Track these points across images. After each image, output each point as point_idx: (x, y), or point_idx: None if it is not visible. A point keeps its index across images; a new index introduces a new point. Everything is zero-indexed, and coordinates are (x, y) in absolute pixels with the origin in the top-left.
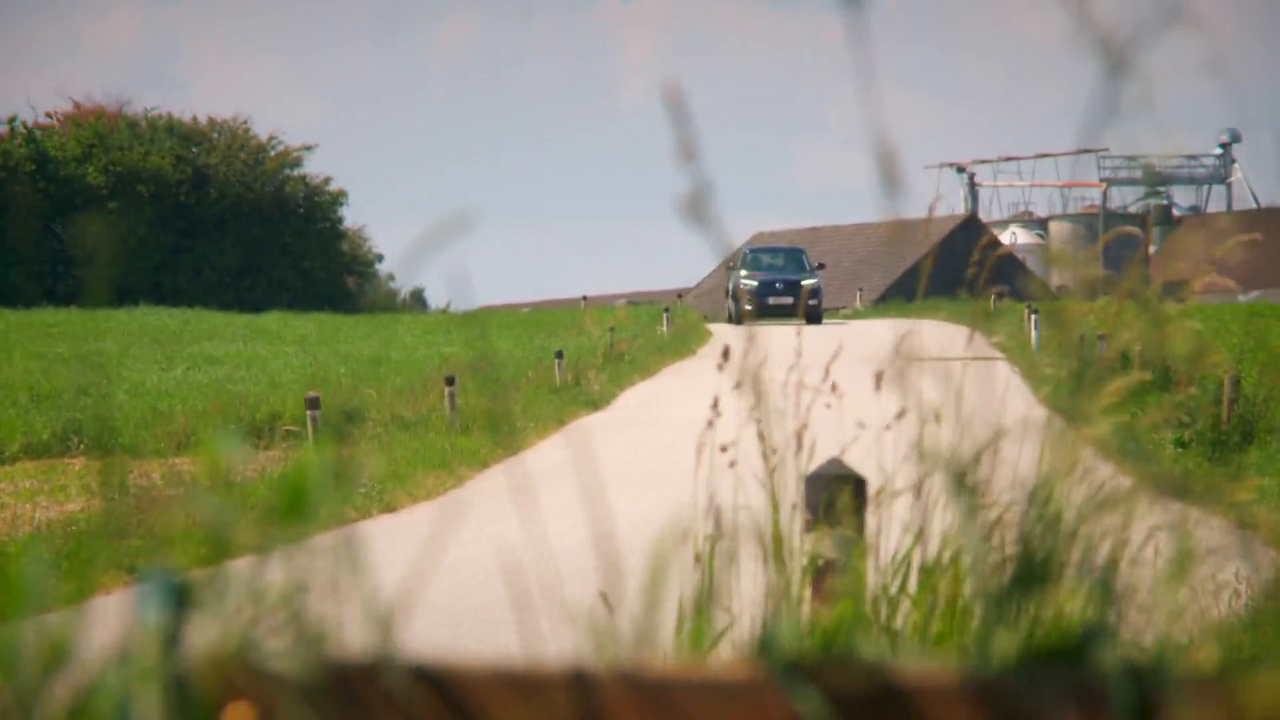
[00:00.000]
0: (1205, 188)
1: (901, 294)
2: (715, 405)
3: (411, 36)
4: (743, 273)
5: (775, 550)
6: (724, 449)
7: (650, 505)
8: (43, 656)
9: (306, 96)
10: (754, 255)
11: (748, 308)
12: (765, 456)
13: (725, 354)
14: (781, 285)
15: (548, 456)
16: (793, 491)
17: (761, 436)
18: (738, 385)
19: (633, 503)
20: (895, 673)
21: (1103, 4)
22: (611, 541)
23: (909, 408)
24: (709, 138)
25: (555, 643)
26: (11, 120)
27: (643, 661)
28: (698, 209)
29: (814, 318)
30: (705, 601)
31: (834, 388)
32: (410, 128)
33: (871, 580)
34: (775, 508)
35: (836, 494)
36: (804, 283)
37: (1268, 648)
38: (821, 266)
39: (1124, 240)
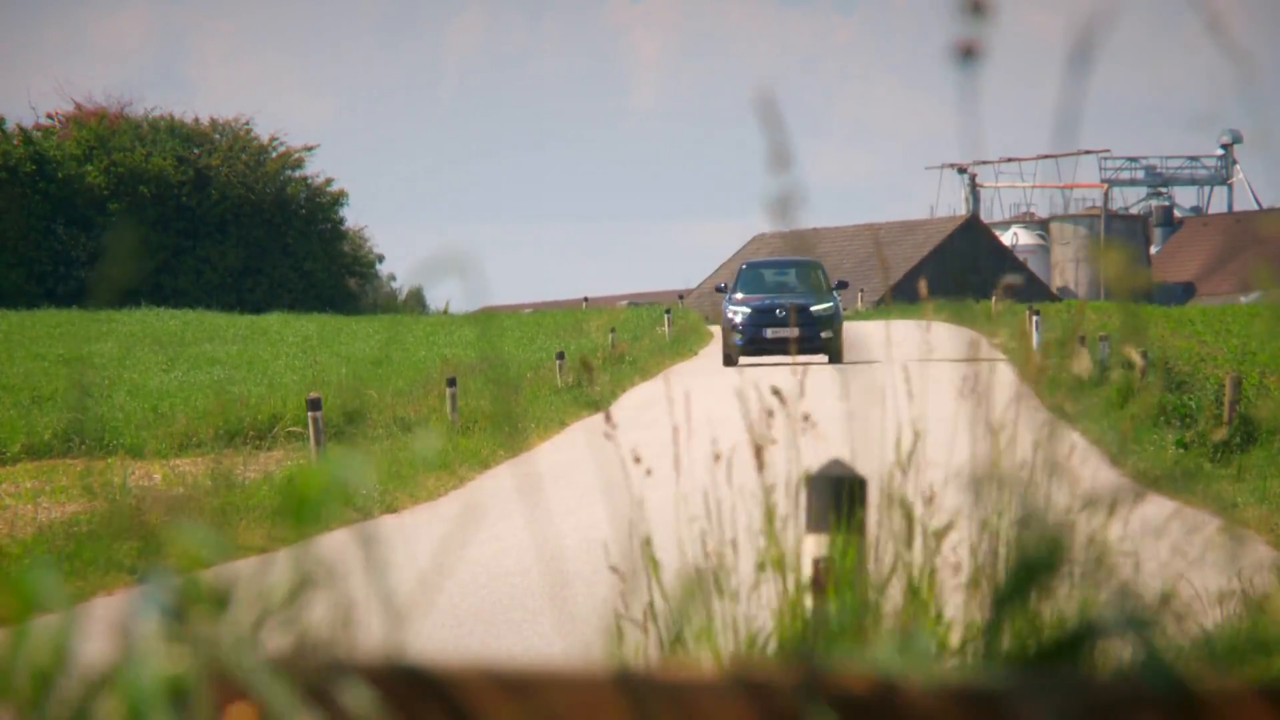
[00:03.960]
0: (1207, 189)
1: (903, 295)
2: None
3: (419, 36)
4: (737, 295)
5: (773, 554)
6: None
7: (651, 508)
8: (45, 659)
9: (313, 96)
10: (752, 272)
11: (737, 342)
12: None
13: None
14: (784, 312)
15: (549, 458)
16: (791, 493)
17: (756, 441)
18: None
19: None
20: (899, 676)
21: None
22: (613, 545)
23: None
24: (712, 138)
25: (558, 643)
26: (2, 123)
27: (644, 663)
28: (786, 210)
29: (831, 354)
30: (702, 603)
31: (806, 417)
32: (416, 127)
33: (872, 581)
34: (771, 512)
35: (837, 495)
36: (814, 308)
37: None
38: (843, 285)
39: (1125, 241)
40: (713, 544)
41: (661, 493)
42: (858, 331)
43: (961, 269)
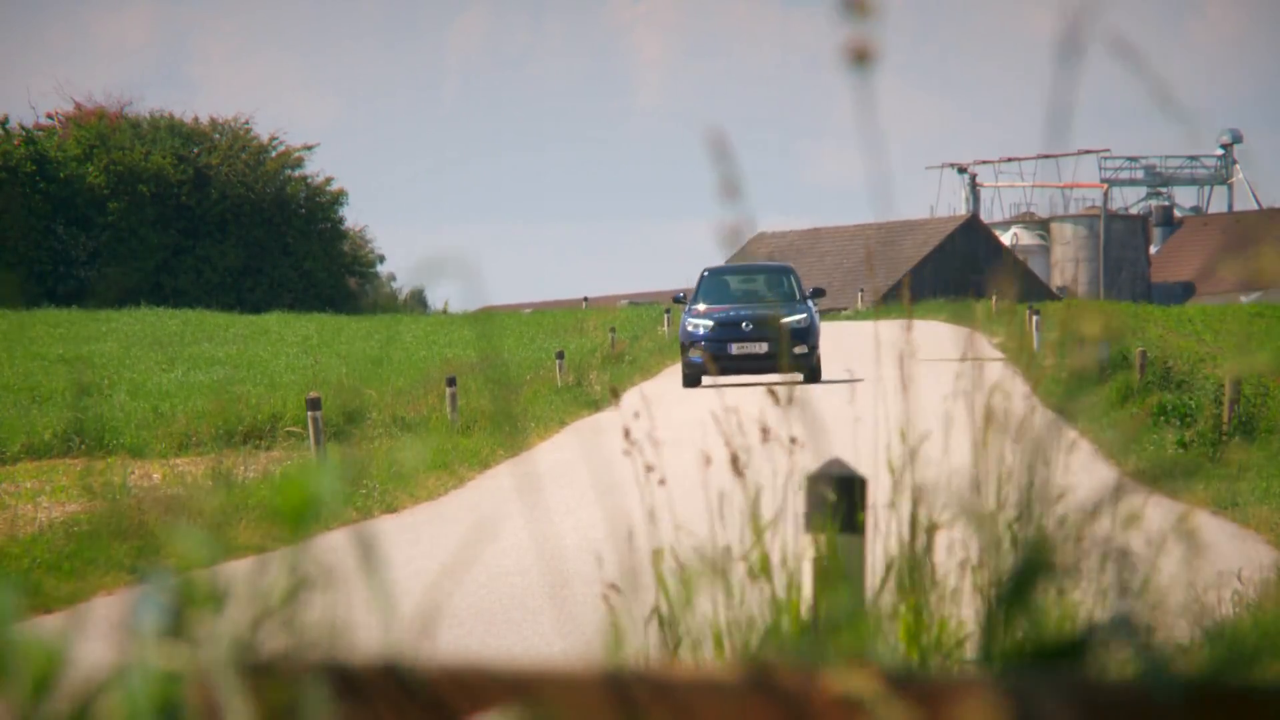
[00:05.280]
0: (1207, 188)
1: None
2: None
3: (421, 36)
4: (699, 306)
5: (769, 554)
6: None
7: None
8: (43, 660)
9: (313, 96)
10: (715, 279)
11: (695, 360)
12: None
13: None
14: (751, 326)
15: (549, 457)
16: (791, 493)
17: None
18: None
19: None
20: (898, 674)
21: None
22: (608, 545)
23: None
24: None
25: (558, 643)
26: (3, 122)
27: (641, 662)
28: (736, 237)
29: (808, 372)
30: (697, 603)
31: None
32: (417, 128)
33: (871, 581)
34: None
35: (837, 495)
36: (786, 320)
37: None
38: (819, 293)
39: (1125, 241)
40: (711, 546)
41: (660, 494)
42: (857, 330)
43: (961, 269)
